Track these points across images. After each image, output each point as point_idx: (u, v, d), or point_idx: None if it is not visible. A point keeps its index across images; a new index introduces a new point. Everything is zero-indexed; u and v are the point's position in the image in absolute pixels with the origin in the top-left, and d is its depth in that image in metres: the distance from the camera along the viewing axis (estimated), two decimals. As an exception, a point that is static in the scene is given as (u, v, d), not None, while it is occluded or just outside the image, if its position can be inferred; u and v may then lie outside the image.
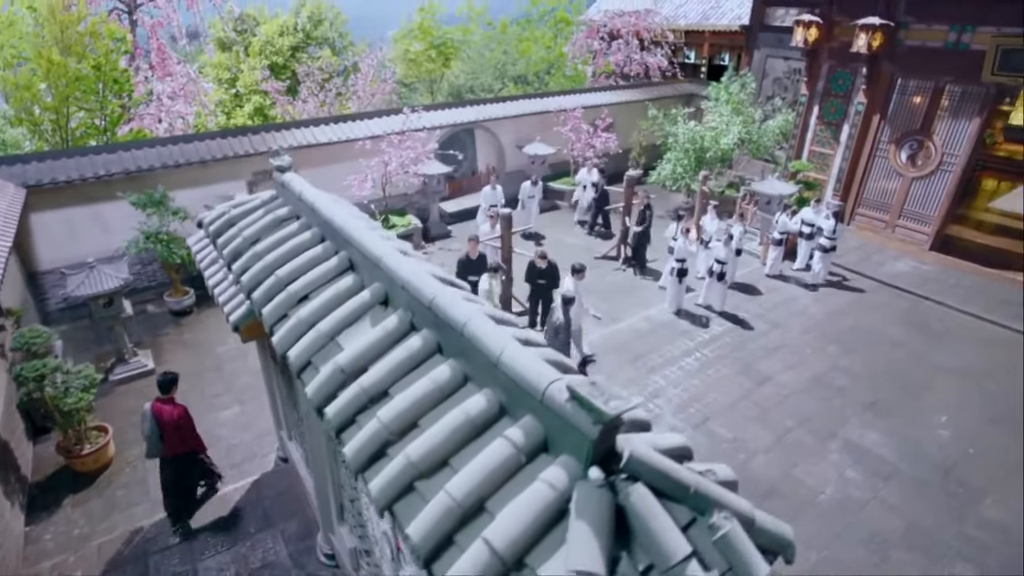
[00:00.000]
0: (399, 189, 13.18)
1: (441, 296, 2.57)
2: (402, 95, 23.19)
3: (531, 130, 14.91)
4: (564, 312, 7.85)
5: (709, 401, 8.35)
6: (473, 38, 24.76)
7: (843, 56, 12.65)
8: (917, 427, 7.90)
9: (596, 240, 13.71)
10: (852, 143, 13.21)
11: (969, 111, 11.53)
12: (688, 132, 14.13)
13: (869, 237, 13.37)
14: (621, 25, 18.00)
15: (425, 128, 13.10)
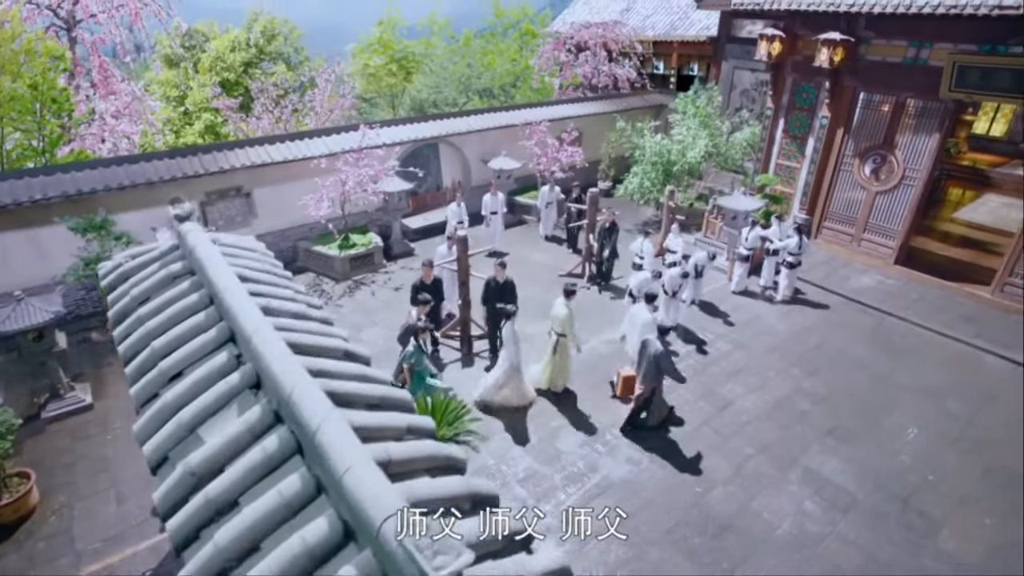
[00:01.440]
0: (359, 207, 12.87)
1: (299, 391, 2.29)
2: (362, 110, 22.77)
3: (497, 144, 14.68)
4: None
5: (672, 429, 8.14)
6: (435, 51, 24.39)
7: (807, 70, 12.59)
8: (877, 453, 7.77)
9: (564, 256, 13.48)
10: (817, 157, 13.16)
11: (929, 126, 11.50)
12: (655, 145, 14.00)
13: (836, 251, 13.32)
14: (588, 37, 17.86)
15: (384, 144, 12.82)
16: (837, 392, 8.94)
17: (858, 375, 9.37)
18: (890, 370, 9.50)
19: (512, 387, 8.39)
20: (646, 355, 7.60)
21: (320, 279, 12.70)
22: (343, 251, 12.57)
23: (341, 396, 2.67)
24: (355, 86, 19.42)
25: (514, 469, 7.47)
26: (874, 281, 12.16)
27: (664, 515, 6.78)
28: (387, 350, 10.10)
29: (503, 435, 8.05)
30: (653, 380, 7.67)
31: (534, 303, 11.39)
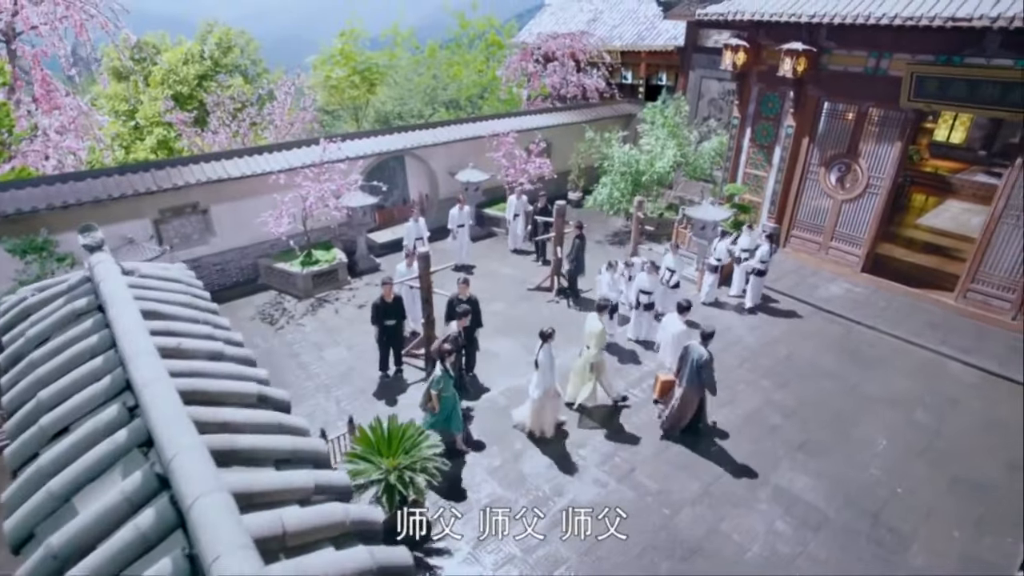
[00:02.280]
0: (322, 223, 12.52)
1: (183, 455, 2.00)
2: (325, 123, 22.35)
3: (464, 156, 14.46)
4: None
5: (637, 448, 7.95)
6: (400, 63, 24.09)
7: (771, 79, 12.63)
8: (848, 466, 7.66)
9: (532, 269, 13.27)
10: (784, 165, 13.20)
11: (891, 134, 11.59)
12: (623, 155, 13.91)
13: (804, 259, 13.34)
14: (556, 47, 17.79)
15: (347, 158, 12.50)
16: (807, 404, 8.84)
17: (828, 386, 9.30)
18: (859, 380, 9.45)
19: (550, 410, 8.02)
20: (688, 361, 7.56)
21: (282, 297, 12.30)
22: (305, 268, 12.20)
23: (243, 453, 2.39)
24: (316, 99, 18.98)
25: (477, 495, 7.19)
26: (842, 289, 12.17)
27: (632, 539, 6.55)
28: (349, 370, 9.78)
29: (466, 458, 7.76)
30: (697, 386, 7.63)
31: (501, 318, 11.19)
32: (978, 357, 9.89)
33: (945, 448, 8.00)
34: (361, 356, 10.11)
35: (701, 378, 7.48)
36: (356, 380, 9.58)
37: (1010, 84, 9.62)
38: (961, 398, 9.04)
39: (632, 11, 19.19)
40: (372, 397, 9.15)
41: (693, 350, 7.51)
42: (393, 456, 6.40)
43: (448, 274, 11.90)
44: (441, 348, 7.45)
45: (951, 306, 11.22)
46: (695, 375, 7.50)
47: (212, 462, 2.03)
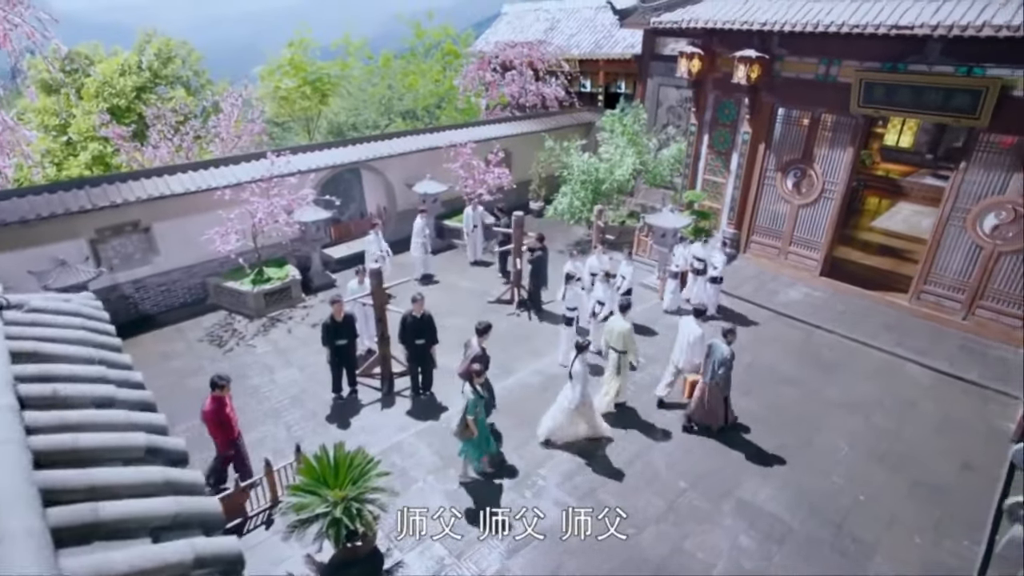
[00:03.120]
0: (273, 239, 12.05)
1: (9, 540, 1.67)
2: (275, 135, 21.77)
3: (421, 167, 14.16)
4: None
5: (600, 466, 7.72)
6: (353, 73, 23.68)
7: (726, 86, 12.71)
8: (810, 475, 7.58)
9: (493, 281, 13.02)
10: (742, 172, 13.27)
11: (844, 140, 11.74)
12: (583, 164, 13.81)
13: (764, 264, 13.40)
14: (514, 56, 17.68)
15: (298, 172, 12.09)
16: (770, 412, 8.77)
17: (789, 392, 9.26)
18: (820, 385, 9.44)
19: (587, 421, 7.93)
20: (711, 360, 7.84)
21: (233, 317, 11.77)
22: (257, 286, 11.72)
23: (108, 525, 2.06)
24: (265, 110, 18.39)
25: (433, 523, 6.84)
26: (801, 294, 12.24)
27: (595, 563, 6.32)
28: (301, 393, 9.35)
29: (422, 484, 7.43)
30: (723, 384, 7.85)
31: (460, 333, 10.83)
32: (931, 358, 10.01)
33: (904, 451, 8.01)
34: (314, 377, 9.70)
35: (721, 374, 7.75)
36: (308, 403, 9.16)
37: (951, 90, 9.83)
38: (917, 400, 9.11)
39: (589, 20, 19.23)
40: (324, 421, 8.75)
41: (716, 348, 7.84)
42: (340, 487, 6.05)
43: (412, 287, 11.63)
44: (470, 369, 7.13)
45: (906, 308, 11.38)
46: (716, 372, 7.78)
47: (49, 548, 1.70)
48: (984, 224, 10.23)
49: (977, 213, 10.26)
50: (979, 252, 10.41)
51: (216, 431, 6.98)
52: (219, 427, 6.97)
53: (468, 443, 7.16)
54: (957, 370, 9.73)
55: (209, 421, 6.89)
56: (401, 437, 8.27)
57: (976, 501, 7.14)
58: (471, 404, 6.91)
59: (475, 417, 6.97)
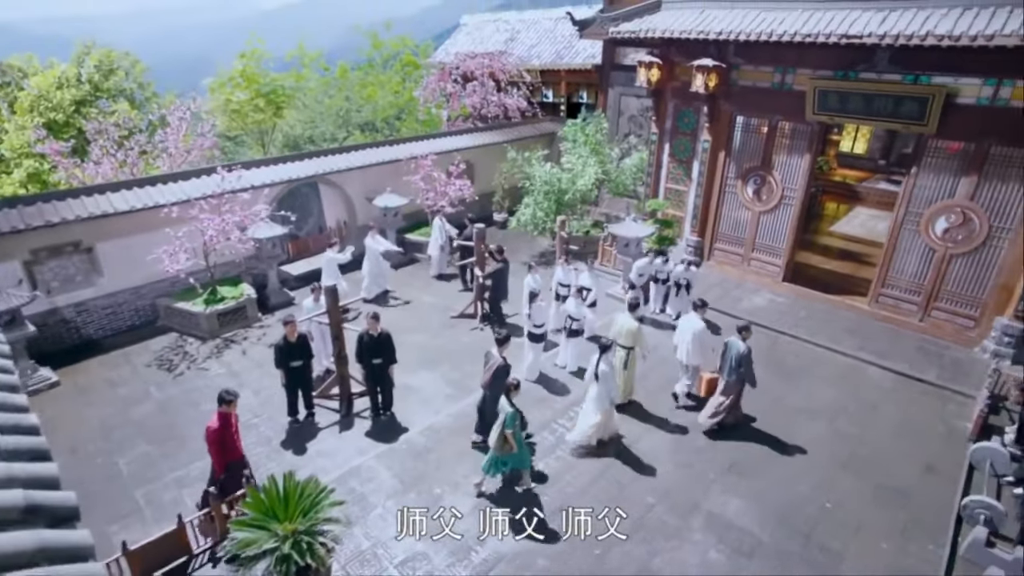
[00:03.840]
0: (227, 257, 11.60)
1: None
2: (227, 150, 21.15)
3: (382, 180, 13.88)
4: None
5: (567, 482, 7.52)
6: (308, 85, 23.23)
7: (685, 95, 12.78)
8: (777, 485, 7.50)
9: (455, 296, 12.76)
10: (703, 180, 13.32)
11: (801, 146, 11.88)
12: (545, 174, 13.71)
13: (728, 272, 13.45)
14: (475, 67, 17.57)
15: (252, 187, 11.69)
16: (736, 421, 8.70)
17: (755, 400, 9.16)
18: (784, 391, 9.44)
19: (610, 421, 8.03)
20: (728, 356, 8.02)
21: (184, 339, 11.25)
22: (209, 306, 11.24)
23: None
24: (216, 124, 17.79)
25: (392, 551, 6.53)
26: (765, 300, 12.30)
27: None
28: (254, 418, 8.92)
29: (381, 510, 7.10)
30: (737, 381, 8.03)
31: (422, 350, 10.63)
32: (891, 360, 10.12)
33: (868, 456, 8.01)
34: (269, 401, 9.30)
35: (740, 371, 7.91)
36: (262, 428, 8.75)
37: (900, 97, 10.03)
38: (879, 403, 9.17)
39: (549, 31, 19.28)
40: (279, 447, 8.36)
41: (732, 345, 8.01)
42: (290, 520, 5.70)
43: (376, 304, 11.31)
44: (507, 384, 7.02)
45: (866, 311, 11.52)
46: (734, 369, 7.94)
47: None
48: (936, 227, 10.43)
49: (929, 217, 10.46)
50: (932, 255, 10.60)
51: (217, 451, 6.58)
52: (220, 447, 6.58)
53: (507, 458, 7.00)
54: (916, 371, 9.86)
55: (212, 440, 6.50)
56: (360, 461, 7.94)
57: (939, 503, 7.18)
58: (510, 418, 6.74)
59: (513, 432, 6.82)
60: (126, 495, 7.42)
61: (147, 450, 8.24)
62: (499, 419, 6.81)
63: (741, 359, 7.87)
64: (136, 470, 7.86)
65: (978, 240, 10.06)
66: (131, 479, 7.69)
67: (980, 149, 9.73)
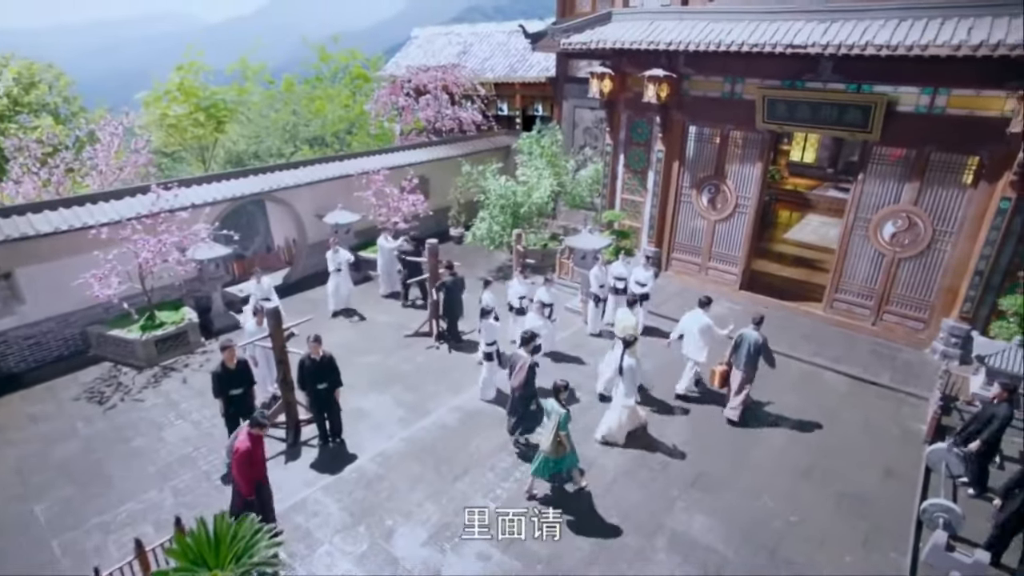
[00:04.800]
0: (165, 279, 10.94)
1: None
2: (164, 167, 20.22)
3: (332, 197, 13.41)
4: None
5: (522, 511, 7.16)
6: (252, 98, 22.54)
7: (638, 106, 12.79)
8: (742, 499, 7.33)
9: (409, 314, 12.33)
10: (659, 190, 13.33)
11: (753, 155, 11.99)
12: (500, 188, 13.50)
13: (686, 281, 13.44)
14: (427, 80, 17.32)
15: (192, 205, 11.11)
16: (698, 435, 8.54)
17: (716, 412, 9.08)
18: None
19: (635, 414, 8.29)
20: (744, 345, 8.42)
21: (118, 369, 10.51)
22: (146, 333, 10.55)
23: None
24: (151, 139, 16.95)
25: (340, 596, 6.09)
26: (724, 308, 12.24)
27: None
28: (193, 452, 8.32)
29: (328, 546, 6.63)
30: (751, 368, 8.46)
31: (375, 371, 10.22)
32: (847, 364, 10.19)
33: (828, 464, 7.94)
34: (210, 433, 8.71)
35: (758, 359, 8.40)
36: (201, 463, 8.15)
37: (844, 106, 10.23)
38: (837, 408, 9.16)
39: (502, 44, 19.22)
40: (220, 482, 7.77)
41: (748, 336, 8.41)
42: (221, 566, 5.20)
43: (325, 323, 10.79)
44: (556, 384, 6.97)
45: (821, 317, 11.62)
46: (752, 358, 8.37)
47: None
48: (884, 232, 10.61)
49: (877, 222, 10.64)
50: (882, 259, 10.77)
51: (244, 472, 6.30)
52: (249, 467, 6.31)
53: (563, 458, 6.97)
54: (871, 375, 9.93)
55: (240, 461, 6.20)
56: (306, 493, 7.46)
57: (900, 508, 7.15)
58: (564, 420, 6.76)
59: (567, 433, 6.85)
60: (41, 545, 6.74)
61: (69, 493, 7.54)
62: (551, 422, 6.76)
63: (759, 348, 8.36)
64: (54, 516, 7.17)
65: (923, 244, 10.27)
66: (48, 527, 7.00)
67: (921, 155, 9.96)
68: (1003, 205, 9.20)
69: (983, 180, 9.49)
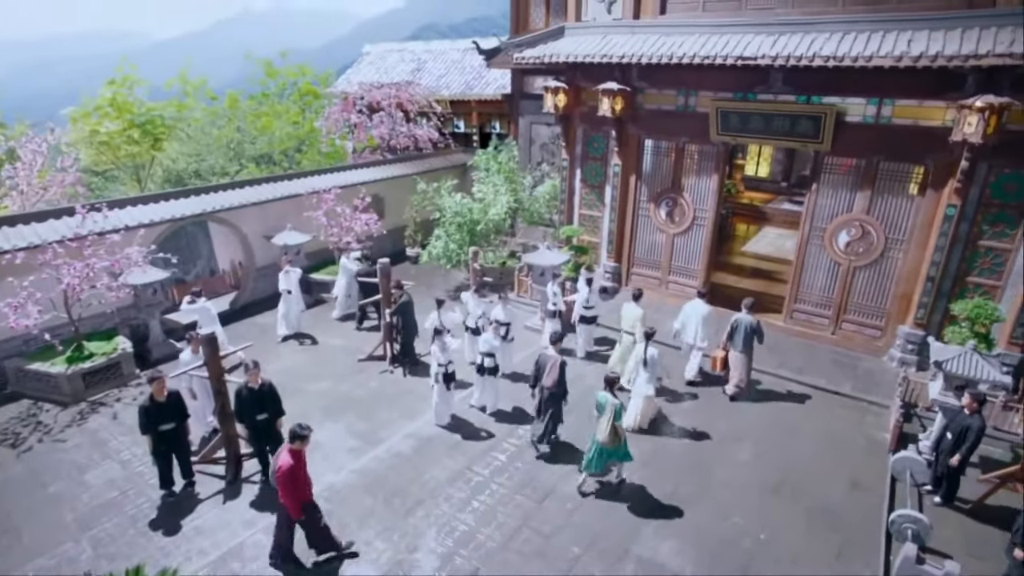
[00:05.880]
0: (95, 307, 10.14)
1: None
2: (94, 186, 19.11)
3: (281, 217, 12.83)
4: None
5: (482, 540, 6.72)
6: (193, 115, 21.70)
7: (594, 120, 12.71)
8: (710, 520, 7.04)
9: (363, 337, 11.79)
10: (616, 204, 13.21)
11: (708, 168, 12.00)
12: (456, 205, 13.15)
13: (647, 296, 13.22)
14: (381, 97, 16.95)
15: (126, 227, 10.40)
16: (661, 454, 8.25)
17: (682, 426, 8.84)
18: (710, 416, 9.13)
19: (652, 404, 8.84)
20: (740, 329, 9.20)
21: (39, 407, 9.61)
22: (72, 366, 9.72)
23: None
24: (80, 157, 15.93)
25: (278, 649, 5.48)
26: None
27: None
28: (120, 495, 7.55)
29: None
30: (748, 349, 9.27)
31: (326, 398, 9.64)
32: (809, 375, 10.13)
33: (796, 479, 7.75)
34: (140, 473, 7.98)
35: (754, 340, 9.23)
36: (128, 507, 7.41)
37: (796, 117, 10.31)
38: (801, 420, 9.04)
39: (457, 61, 19.08)
40: (147, 528, 7.05)
41: (743, 320, 9.20)
42: (135, 630, 4.57)
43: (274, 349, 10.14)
44: (608, 377, 7.24)
45: (782, 328, 11.57)
46: (749, 339, 9.20)
47: None
48: (839, 241, 10.67)
49: (832, 231, 10.70)
50: (838, 268, 10.82)
51: (290, 491, 5.97)
52: (294, 486, 6.00)
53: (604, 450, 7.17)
54: (833, 385, 9.88)
55: (284, 480, 5.90)
56: (245, 536, 6.83)
57: (869, 520, 7.01)
58: (619, 410, 7.07)
59: (620, 423, 7.12)
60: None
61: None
62: (606, 413, 7.01)
63: (754, 330, 9.17)
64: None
65: (877, 252, 10.35)
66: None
67: (871, 165, 10.08)
68: (949, 212, 9.33)
69: (930, 188, 9.64)
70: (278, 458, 5.99)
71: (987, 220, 9.27)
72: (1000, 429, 8.50)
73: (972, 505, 7.28)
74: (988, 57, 8.02)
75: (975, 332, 8.93)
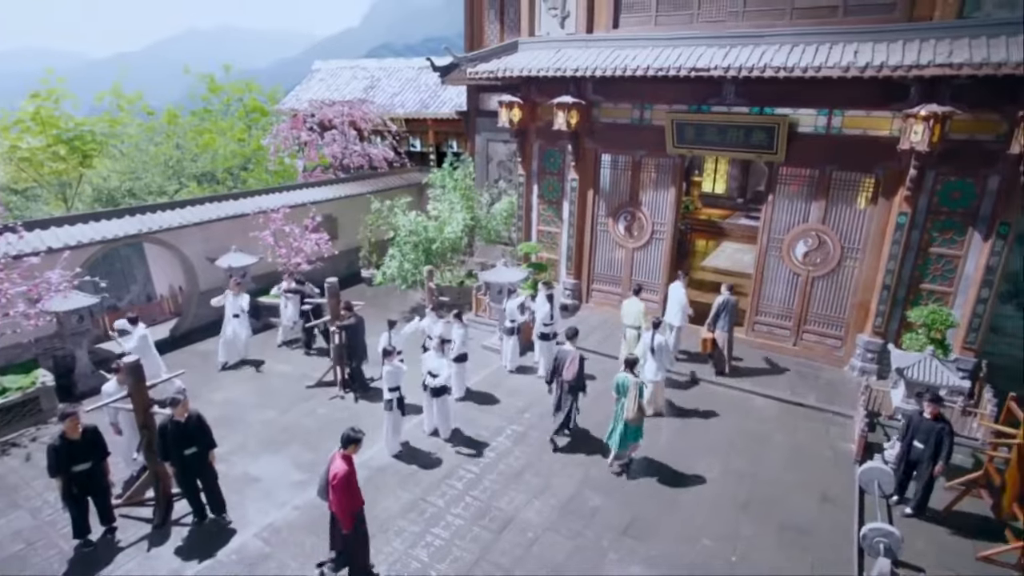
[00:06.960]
0: (11, 337, 9.28)
1: None
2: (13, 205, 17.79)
3: (225, 238, 12.14)
4: None
5: (450, 563, 6.17)
6: (127, 130, 20.80)
7: (550, 135, 12.55)
8: (678, 542, 6.66)
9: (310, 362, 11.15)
10: (575, 219, 13.01)
11: (666, 181, 11.93)
12: (410, 223, 12.72)
13: (608, 312, 13.03)
14: (332, 115, 16.50)
15: (48, 249, 9.60)
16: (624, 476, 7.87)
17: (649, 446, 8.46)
18: (675, 433, 8.83)
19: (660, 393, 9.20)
20: (726, 309, 9.93)
21: (-59, 450, 8.65)
22: (-18, 402, 8.80)
23: None
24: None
25: None
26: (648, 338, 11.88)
27: None
28: (26, 548, 6.71)
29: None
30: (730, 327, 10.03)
31: (270, 429, 8.97)
32: (774, 388, 9.97)
33: (765, 494, 7.47)
34: (52, 522, 7.14)
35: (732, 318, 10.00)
36: (36, 561, 6.58)
37: (749, 128, 10.33)
38: (768, 433, 8.82)
39: (412, 79, 18.81)
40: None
41: (726, 301, 9.93)
42: None
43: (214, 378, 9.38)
44: (627, 359, 7.82)
45: (744, 340, 11.44)
46: (732, 316, 9.96)
47: None
48: (796, 252, 10.66)
49: (789, 242, 10.69)
50: (797, 279, 10.79)
51: (345, 502, 5.66)
52: (351, 494, 5.71)
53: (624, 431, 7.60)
54: (797, 397, 9.74)
55: (340, 488, 5.56)
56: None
57: (840, 535, 6.77)
58: (642, 387, 7.70)
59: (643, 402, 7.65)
60: None
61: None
62: (630, 393, 7.44)
63: (733, 308, 9.93)
64: None
65: (834, 262, 10.36)
66: None
67: (824, 175, 10.13)
68: (900, 220, 9.40)
69: (881, 197, 9.72)
70: (331, 465, 5.64)
71: (936, 227, 9.37)
72: (959, 435, 8.44)
73: (941, 513, 7.12)
74: (929, 67, 8.16)
75: (932, 338, 8.94)
